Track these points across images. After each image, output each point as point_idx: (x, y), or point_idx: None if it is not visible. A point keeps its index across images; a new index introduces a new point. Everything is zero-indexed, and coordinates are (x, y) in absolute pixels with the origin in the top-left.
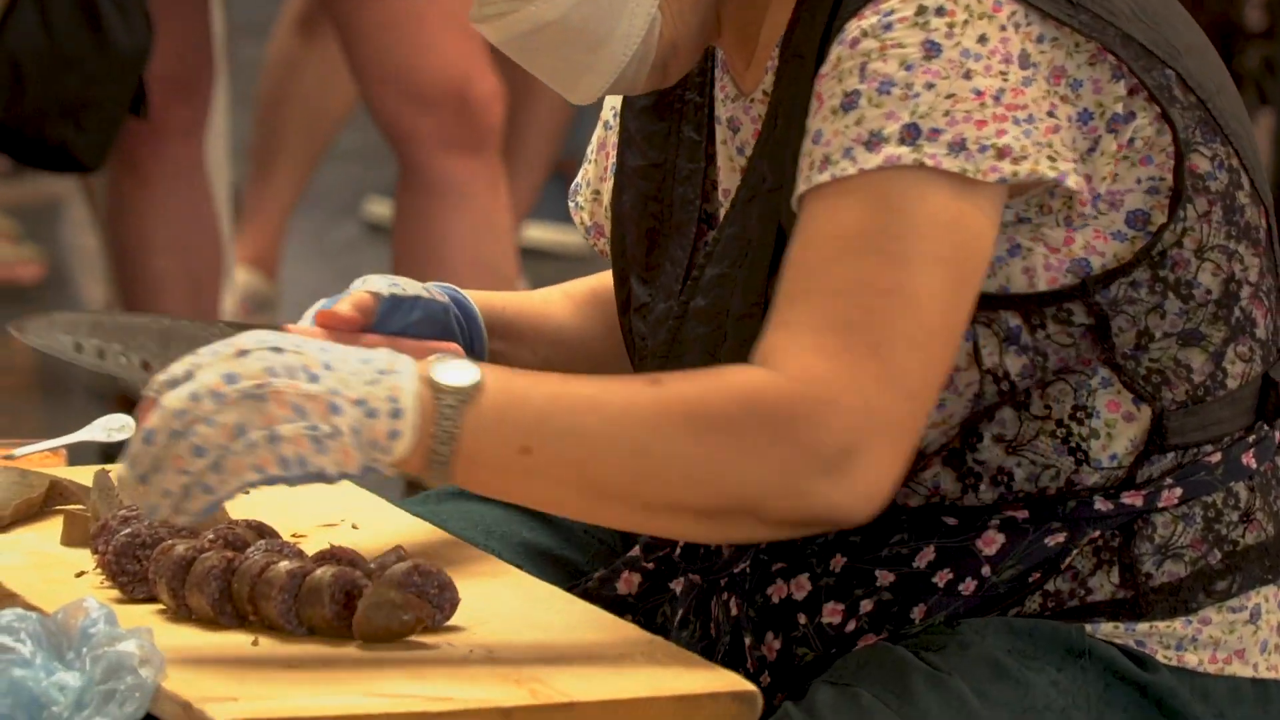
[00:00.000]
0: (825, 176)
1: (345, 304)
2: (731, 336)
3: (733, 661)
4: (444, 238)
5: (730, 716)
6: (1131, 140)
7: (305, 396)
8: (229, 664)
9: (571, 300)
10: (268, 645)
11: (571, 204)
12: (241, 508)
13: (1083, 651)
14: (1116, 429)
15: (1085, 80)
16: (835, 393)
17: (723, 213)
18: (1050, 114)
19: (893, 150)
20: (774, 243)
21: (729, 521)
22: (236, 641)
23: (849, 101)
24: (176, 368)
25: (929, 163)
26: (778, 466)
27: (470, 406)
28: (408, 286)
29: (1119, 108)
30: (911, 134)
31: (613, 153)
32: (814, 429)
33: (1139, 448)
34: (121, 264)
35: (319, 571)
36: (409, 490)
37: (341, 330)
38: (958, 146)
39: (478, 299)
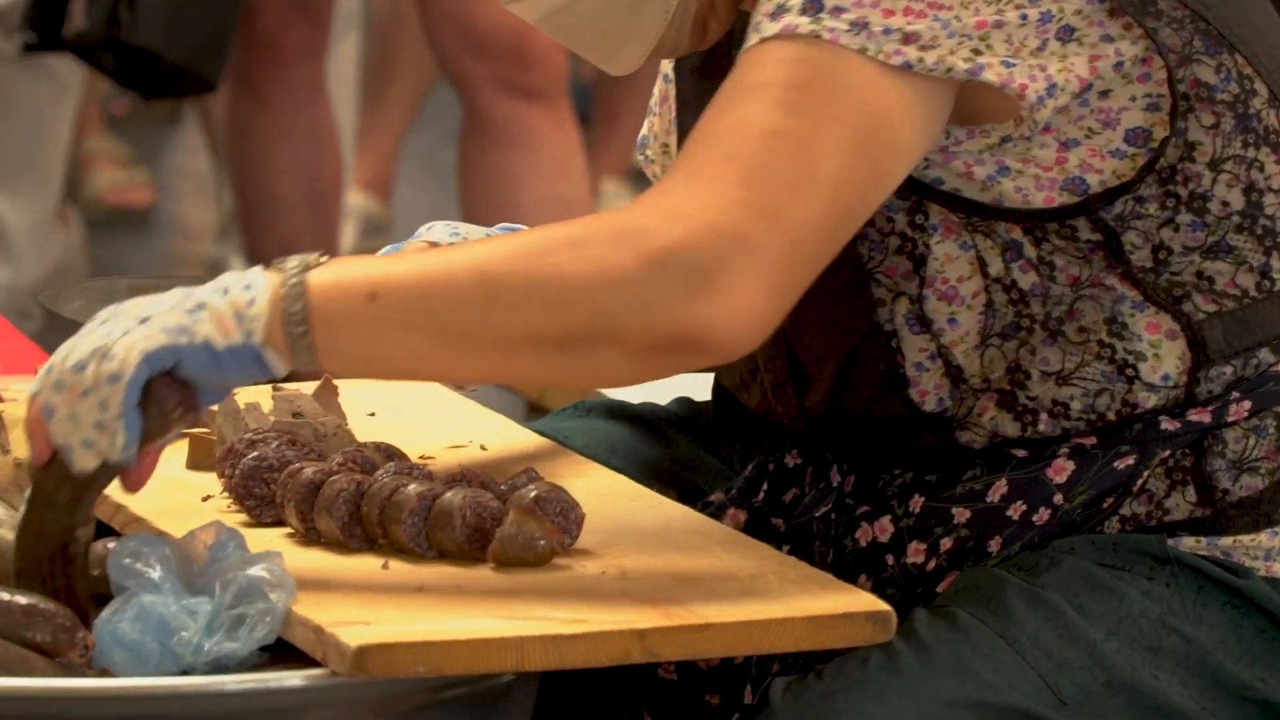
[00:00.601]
0: (739, 52)
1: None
2: None
3: None
4: (509, 180)
5: (864, 636)
6: (1119, 64)
7: (161, 300)
8: (359, 588)
9: None
10: (398, 569)
11: (640, 156)
12: (368, 431)
13: (1168, 559)
14: (1163, 349)
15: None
16: (691, 209)
17: None
18: (998, 14)
19: (792, 20)
20: None
21: (589, 352)
22: (366, 565)
23: None
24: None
25: (825, 35)
26: (630, 283)
27: (314, 273)
28: (469, 233)
29: (1095, 31)
30: (813, 6)
31: (674, 107)
32: (662, 239)
33: (1188, 364)
34: (241, 187)
35: (449, 494)
36: (532, 412)
37: None
38: (859, 26)
39: None
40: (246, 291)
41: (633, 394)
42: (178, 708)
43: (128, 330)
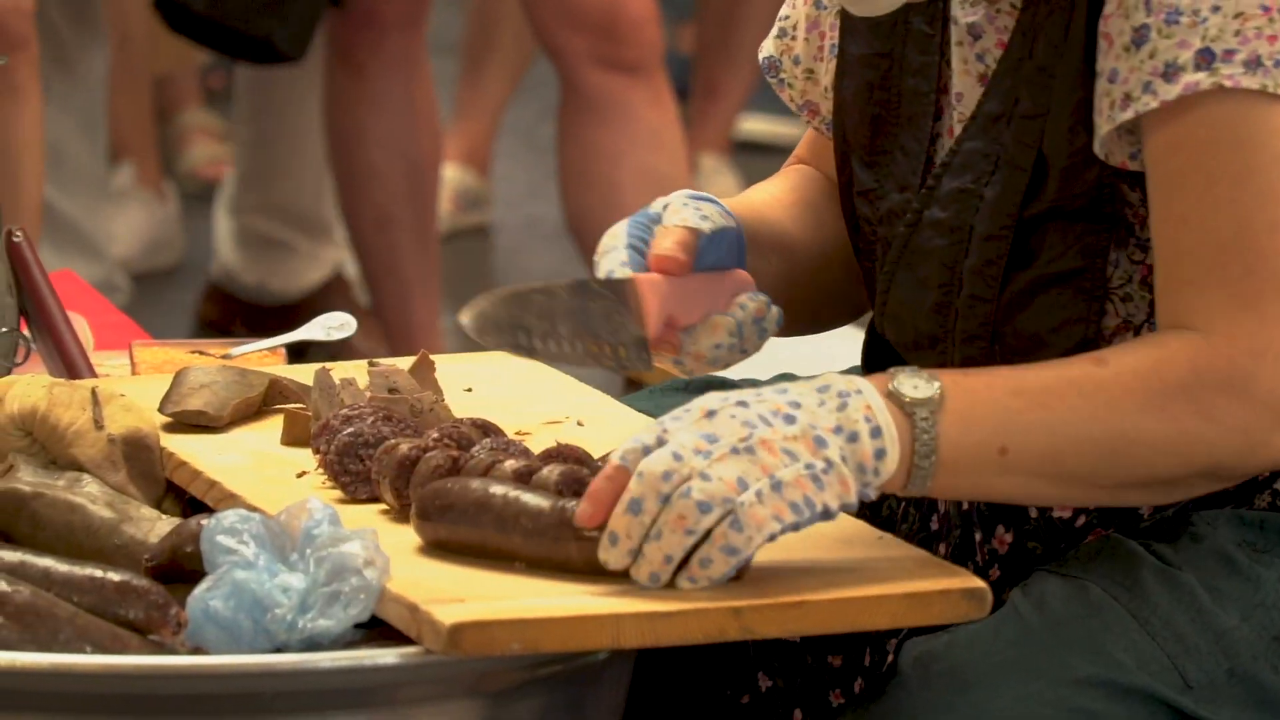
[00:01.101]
0: (1128, 115)
1: (673, 246)
2: (974, 255)
3: (960, 555)
4: (606, 154)
5: (960, 613)
6: None
7: (790, 439)
8: (455, 565)
9: (788, 208)
10: None
11: (774, 80)
12: (465, 407)
13: None
14: None
15: None
16: (1269, 341)
17: (956, 117)
18: None
19: (1190, 78)
20: (1032, 168)
21: (1190, 486)
22: None
23: (1139, 37)
24: (645, 435)
25: (1227, 84)
26: (1240, 427)
27: (942, 415)
28: (712, 215)
29: None
30: (1206, 59)
31: (830, 34)
32: (1267, 383)
33: None
34: (337, 156)
35: (545, 470)
36: (629, 387)
37: (674, 274)
38: (1253, 64)
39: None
40: (874, 440)
41: (732, 371)
42: (270, 686)
43: (760, 494)
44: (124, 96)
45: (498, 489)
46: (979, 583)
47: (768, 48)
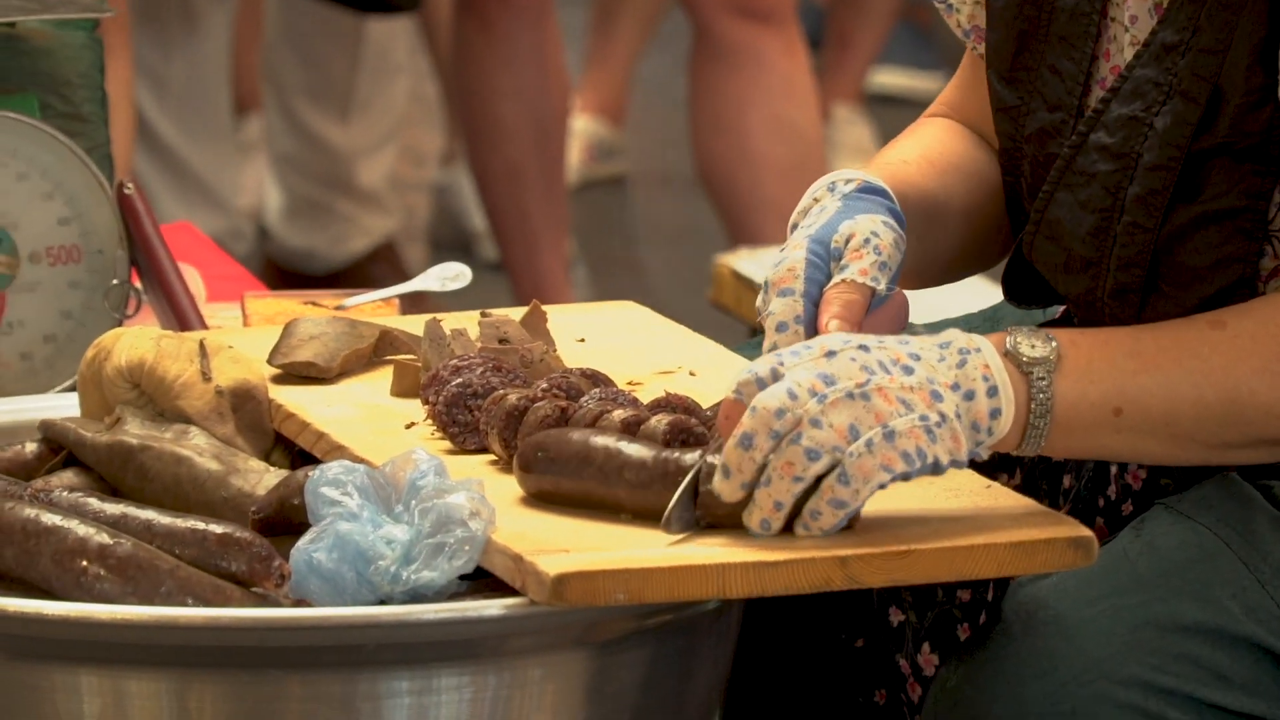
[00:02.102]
0: None
1: (842, 312)
2: (1139, 183)
3: (1095, 486)
4: (737, 102)
5: (1066, 562)
6: None
7: (907, 389)
8: (561, 516)
9: (941, 174)
10: None
11: (941, 5)
12: (577, 357)
13: None
14: None
15: None
16: None
17: (1128, 40)
18: None
19: None
20: (1206, 103)
21: (1274, 449)
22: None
23: None
24: (759, 365)
25: None
26: None
27: (1058, 376)
28: (885, 245)
29: None
30: None
31: None
32: None
33: None
34: (465, 110)
35: (654, 420)
36: (754, 335)
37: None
38: None
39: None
40: (990, 400)
41: None
42: (374, 638)
43: (870, 443)
44: (250, 50)
45: (599, 440)
46: (1085, 531)
47: None
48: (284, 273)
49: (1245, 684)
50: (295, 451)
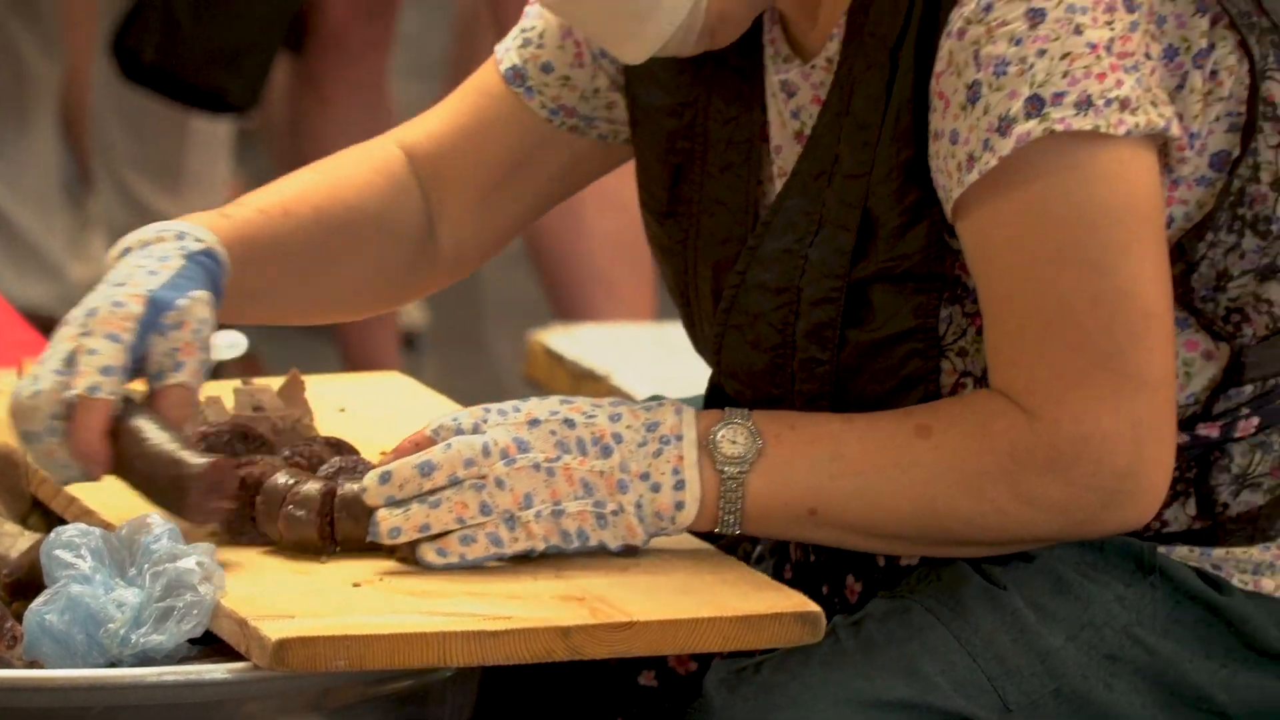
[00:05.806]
0: (974, 175)
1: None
2: (804, 318)
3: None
4: None
5: (793, 637)
6: (1214, 72)
7: (595, 474)
8: (292, 582)
9: (290, 218)
10: (335, 564)
11: (519, 89)
12: (336, 426)
13: (1154, 568)
14: (1195, 368)
15: (1169, 15)
16: (1094, 423)
17: (777, 170)
18: (1147, 56)
19: (1022, 128)
20: (858, 228)
21: (1022, 546)
22: (303, 560)
23: (972, 94)
24: (465, 417)
25: (1058, 128)
26: (1060, 509)
27: (753, 474)
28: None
29: (1203, 42)
30: (1036, 106)
31: (587, 42)
32: (1090, 466)
33: (1215, 382)
34: None
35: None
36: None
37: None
38: (1084, 104)
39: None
40: (676, 493)
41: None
42: (100, 699)
43: (539, 514)
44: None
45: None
46: (813, 606)
47: (511, 58)
48: None
49: None
50: (55, 515)
